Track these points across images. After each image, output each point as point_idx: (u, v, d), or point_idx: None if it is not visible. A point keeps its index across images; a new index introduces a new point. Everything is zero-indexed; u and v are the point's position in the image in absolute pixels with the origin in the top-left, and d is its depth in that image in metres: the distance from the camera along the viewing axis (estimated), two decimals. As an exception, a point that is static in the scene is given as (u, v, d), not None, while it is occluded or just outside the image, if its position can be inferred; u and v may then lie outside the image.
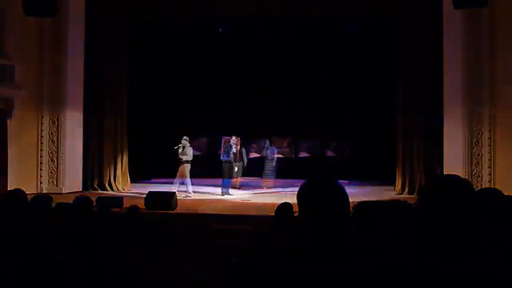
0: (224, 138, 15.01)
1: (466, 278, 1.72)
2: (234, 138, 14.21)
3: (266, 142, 15.43)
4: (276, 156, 15.32)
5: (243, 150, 14.90)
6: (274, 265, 1.87)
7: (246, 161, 14.84)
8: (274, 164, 15.10)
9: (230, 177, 14.07)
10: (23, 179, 12.89)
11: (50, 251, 3.13)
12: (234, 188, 14.70)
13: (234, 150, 14.04)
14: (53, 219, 4.23)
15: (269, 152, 15.14)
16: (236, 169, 14.23)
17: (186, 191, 13.18)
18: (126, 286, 3.07)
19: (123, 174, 14.65)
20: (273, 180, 15.02)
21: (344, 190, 2.00)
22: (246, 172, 15.13)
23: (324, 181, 2.00)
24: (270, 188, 14.77)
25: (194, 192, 13.44)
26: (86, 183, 14.16)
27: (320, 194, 1.95)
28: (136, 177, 15.64)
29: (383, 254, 1.91)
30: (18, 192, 3.98)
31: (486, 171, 12.19)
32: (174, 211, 10.62)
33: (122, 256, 3.24)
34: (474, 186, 2.02)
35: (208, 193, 14.15)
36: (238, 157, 14.31)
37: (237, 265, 1.96)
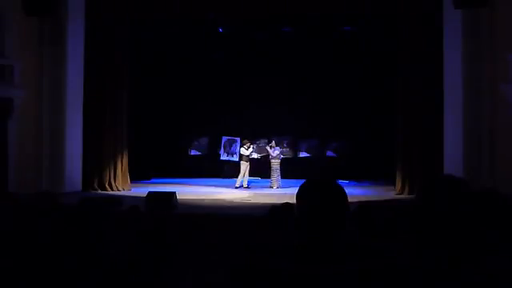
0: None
1: (465, 278, 1.72)
2: (245, 140, 15.44)
3: (272, 142, 15.48)
4: (281, 156, 15.39)
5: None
6: (273, 265, 1.87)
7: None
8: (277, 166, 15.16)
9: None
10: (23, 179, 12.90)
11: (50, 251, 3.13)
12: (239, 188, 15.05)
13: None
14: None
15: (273, 151, 15.18)
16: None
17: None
18: (126, 286, 3.07)
19: (123, 174, 14.64)
20: (278, 180, 15.12)
21: (343, 190, 2.00)
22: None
23: (323, 181, 2.00)
24: (279, 188, 14.84)
25: (194, 192, 13.48)
26: (86, 183, 14.14)
27: (319, 194, 1.95)
28: (136, 177, 15.65)
29: (383, 254, 1.91)
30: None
31: (486, 171, 12.19)
32: (174, 211, 10.62)
33: (121, 256, 3.24)
34: (474, 186, 2.01)
35: (208, 193, 14.16)
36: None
37: (236, 265, 1.96)
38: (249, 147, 15.22)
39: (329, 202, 1.94)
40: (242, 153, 15.32)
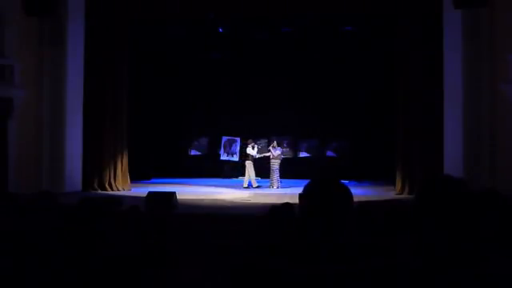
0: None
1: (465, 278, 1.72)
2: (249, 140, 15.59)
3: (274, 142, 15.48)
4: (282, 156, 15.42)
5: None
6: (273, 265, 1.87)
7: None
8: (277, 166, 15.15)
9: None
10: (23, 179, 12.89)
11: (50, 251, 3.13)
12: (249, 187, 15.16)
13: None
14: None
15: (274, 151, 15.17)
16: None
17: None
18: (126, 286, 3.07)
19: (123, 174, 14.64)
20: (277, 180, 15.12)
21: (349, 190, 2.01)
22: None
23: (331, 181, 2.00)
24: (279, 188, 14.84)
25: (194, 192, 13.47)
26: (86, 183, 14.14)
27: (327, 194, 1.95)
28: (136, 177, 15.64)
29: (383, 254, 1.91)
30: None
31: (486, 171, 12.19)
32: (174, 211, 10.61)
33: (121, 256, 3.24)
34: (474, 186, 2.01)
35: (208, 193, 14.15)
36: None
37: (236, 265, 1.96)
38: (254, 147, 15.31)
39: (335, 201, 1.94)
40: (248, 152, 15.33)
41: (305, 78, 17.55)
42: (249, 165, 15.18)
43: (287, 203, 4.70)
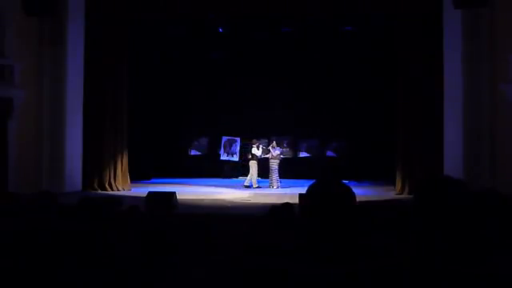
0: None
1: (465, 278, 1.72)
2: (254, 140, 15.66)
3: (273, 142, 15.48)
4: (281, 156, 15.43)
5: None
6: (273, 265, 1.87)
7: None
8: (276, 166, 15.15)
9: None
10: (23, 179, 12.89)
11: (50, 251, 3.13)
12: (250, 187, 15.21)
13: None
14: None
15: (273, 151, 15.17)
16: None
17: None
18: (126, 286, 3.08)
19: (123, 174, 14.64)
20: (277, 180, 15.12)
21: (351, 190, 2.01)
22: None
23: (333, 181, 2.00)
24: (278, 188, 14.85)
25: (194, 192, 13.48)
26: (86, 183, 14.14)
27: (328, 194, 1.95)
28: (136, 177, 15.64)
29: (383, 254, 1.91)
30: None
31: (486, 171, 12.19)
32: (174, 211, 10.61)
33: (121, 256, 3.24)
34: (474, 186, 2.02)
35: (208, 193, 14.15)
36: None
37: (236, 265, 1.96)
38: (259, 147, 15.36)
39: (335, 201, 1.94)
40: (253, 152, 15.37)
41: (305, 77, 17.55)
42: (253, 165, 15.21)
43: (287, 203, 4.70)
